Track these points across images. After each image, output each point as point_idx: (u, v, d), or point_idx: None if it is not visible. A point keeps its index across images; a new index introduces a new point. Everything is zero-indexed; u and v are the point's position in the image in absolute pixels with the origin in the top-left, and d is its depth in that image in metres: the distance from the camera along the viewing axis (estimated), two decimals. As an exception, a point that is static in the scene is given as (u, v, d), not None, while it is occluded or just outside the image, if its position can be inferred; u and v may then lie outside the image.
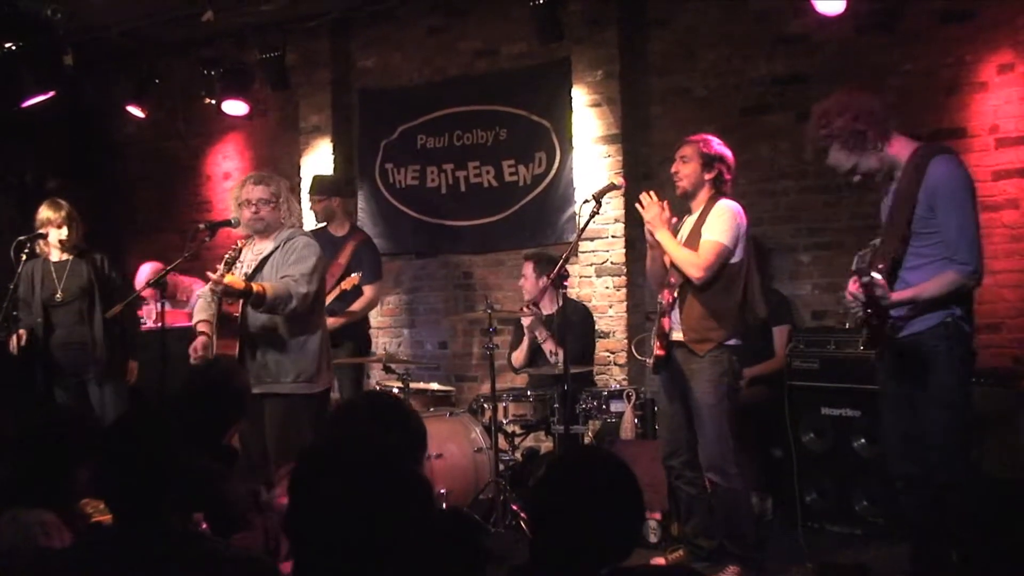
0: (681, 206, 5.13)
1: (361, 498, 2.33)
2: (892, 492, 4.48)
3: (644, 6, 7.42)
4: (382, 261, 7.26)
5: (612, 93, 7.28)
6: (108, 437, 2.80)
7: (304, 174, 8.59)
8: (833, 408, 5.81)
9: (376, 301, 7.18)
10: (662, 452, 5.17)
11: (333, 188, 7.22)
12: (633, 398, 6.05)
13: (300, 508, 2.37)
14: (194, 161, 9.61)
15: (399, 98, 8.41)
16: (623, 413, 6.06)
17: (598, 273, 7.35)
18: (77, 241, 6.47)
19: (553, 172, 7.66)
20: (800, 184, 6.77)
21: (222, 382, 3.96)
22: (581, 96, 7.41)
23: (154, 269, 7.72)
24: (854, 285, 3.98)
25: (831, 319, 6.55)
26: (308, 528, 2.33)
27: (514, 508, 5.79)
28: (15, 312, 6.34)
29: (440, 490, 5.66)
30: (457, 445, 6.02)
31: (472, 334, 8.15)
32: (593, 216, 5.09)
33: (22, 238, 6.33)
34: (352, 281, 6.67)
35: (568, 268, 6.98)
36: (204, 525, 3.34)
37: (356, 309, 6.85)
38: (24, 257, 6.31)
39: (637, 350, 6.86)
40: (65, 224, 6.39)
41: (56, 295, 6.40)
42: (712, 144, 5.00)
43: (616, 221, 7.21)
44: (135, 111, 8.65)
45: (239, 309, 5.09)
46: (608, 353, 7.28)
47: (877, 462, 5.36)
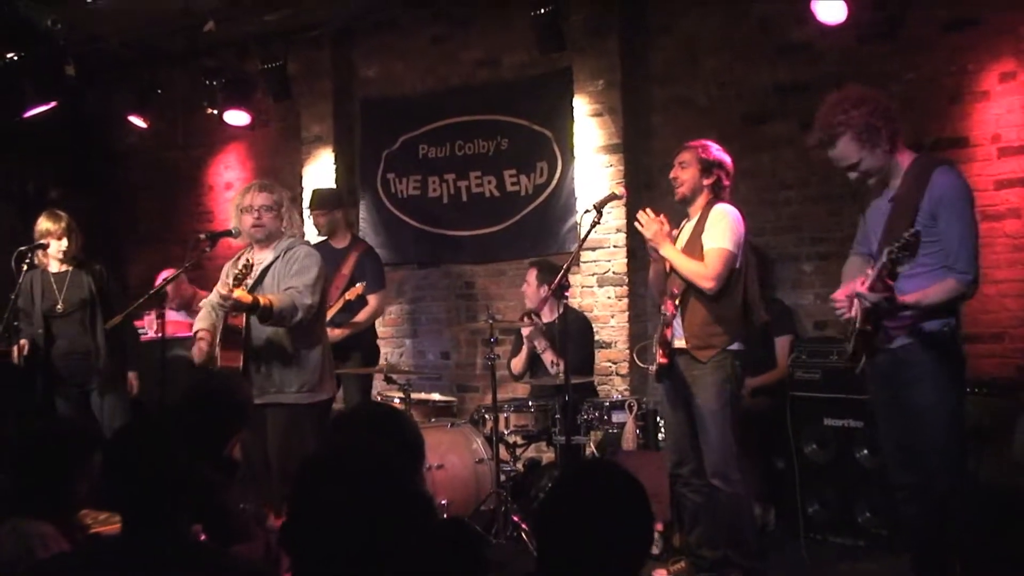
0: (681, 212, 5.13)
1: (360, 507, 2.31)
2: (894, 503, 4.47)
3: (645, 15, 7.42)
4: (385, 271, 7.25)
5: (613, 102, 7.28)
6: (114, 446, 2.79)
7: (306, 184, 8.61)
8: (835, 419, 5.79)
9: (381, 310, 7.17)
10: (669, 461, 5.16)
11: (336, 200, 7.21)
12: (635, 409, 6.02)
13: (299, 517, 2.35)
14: (195, 171, 9.62)
15: (401, 108, 8.41)
16: (625, 424, 6.04)
17: (600, 283, 7.34)
18: (76, 252, 6.47)
19: (555, 182, 7.66)
20: (802, 194, 6.76)
21: (223, 393, 3.95)
22: (582, 105, 7.41)
23: (171, 274, 7.73)
24: (843, 293, 4.08)
25: (833, 329, 6.51)
26: (306, 538, 2.32)
27: (515, 519, 5.76)
28: (16, 323, 6.33)
29: (441, 501, 5.65)
30: (458, 456, 6.00)
31: (474, 344, 8.13)
32: (594, 226, 5.08)
33: (23, 248, 6.33)
34: (356, 291, 6.66)
35: (569, 278, 7.04)
36: (202, 536, 3.32)
37: (361, 320, 6.83)
38: (25, 267, 6.30)
39: (639, 357, 6.84)
40: (65, 235, 6.38)
41: (57, 306, 6.39)
42: (711, 150, 4.99)
43: (618, 231, 7.20)
44: (137, 121, 8.66)
45: (243, 321, 5.09)
46: (610, 363, 7.26)
47: (879, 473, 5.33)
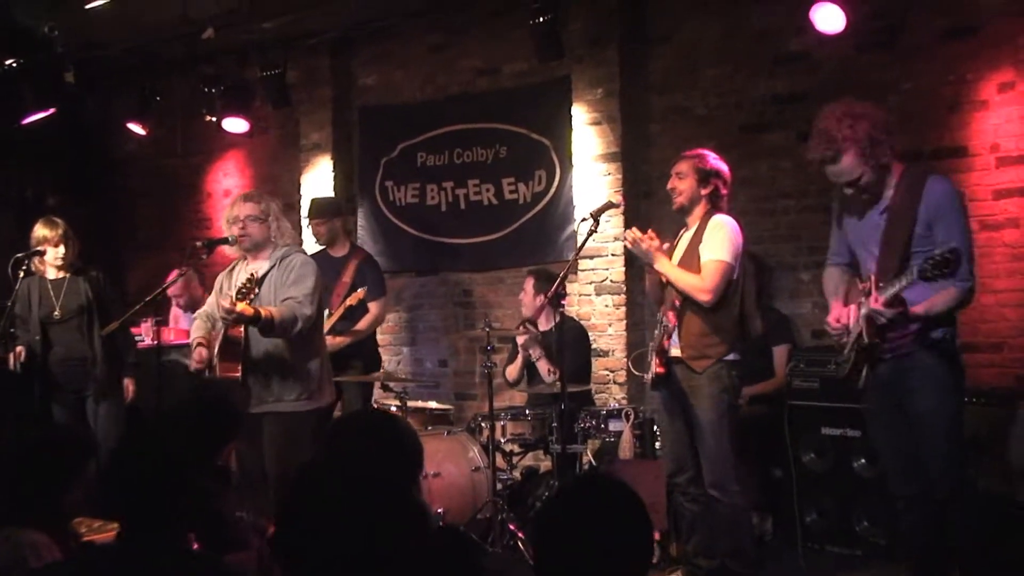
0: (679, 221, 5.13)
1: (352, 515, 2.31)
2: (892, 512, 4.47)
3: (644, 24, 7.42)
4: (385, 278, 7.25)
5: (612, 111, 7.28)
6: (115, 453, 2.79)
7: (304, 192, 8.61)
8: (833, 428, 5.77)
9: (381, 318, 7.17)
10: (667, 470, 5.14)
11: (335, 209, 7.21)
12: (632, 417, 6.01)
13: (289, 525, 2.34)
14: (194, 178, 9.62)
15: (399, 116, 8.42)
16: (622, 432, 6.02)
17: (597, 291, 7.33)
18: (73, 259, 6.46)
19: (553, 190, 7.65)
20: (800, 203, 6.75)
21: (217, 401, 3.94)
22: (581, 114, 7.41)
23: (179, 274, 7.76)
24: (842, 313, 4.19)
25: (831, 338, 6.50)
26: (297, 546, 2.31)
27: (511, 528, 5.75)
28: (12, 329, 6.32)
29: (437, 509, 5.64)
30: (455, 464, 5.98)
31: (473, 352, 8.12)
32: (591, 234, 5.09)
33: (19, 255, 6.32)
34: (358, 296, 6.65)
35: (567, 286, 7.05)
36: (195, 544, 3.31)
37: (363, 327, 6.83)
38: (21, 274, 6.30)
39: (634, 366, 6.83)
40: (62, 242, 6.37)
41: (54, 313, 6.37)
42: (708, 159, 4.99)
43: (616, 239, 7.17)
44: (136, 128, 8.66)
45: (242, 333, 5.09)
46: (607, 372, 7.25)
47: (877, 482, 5.32)
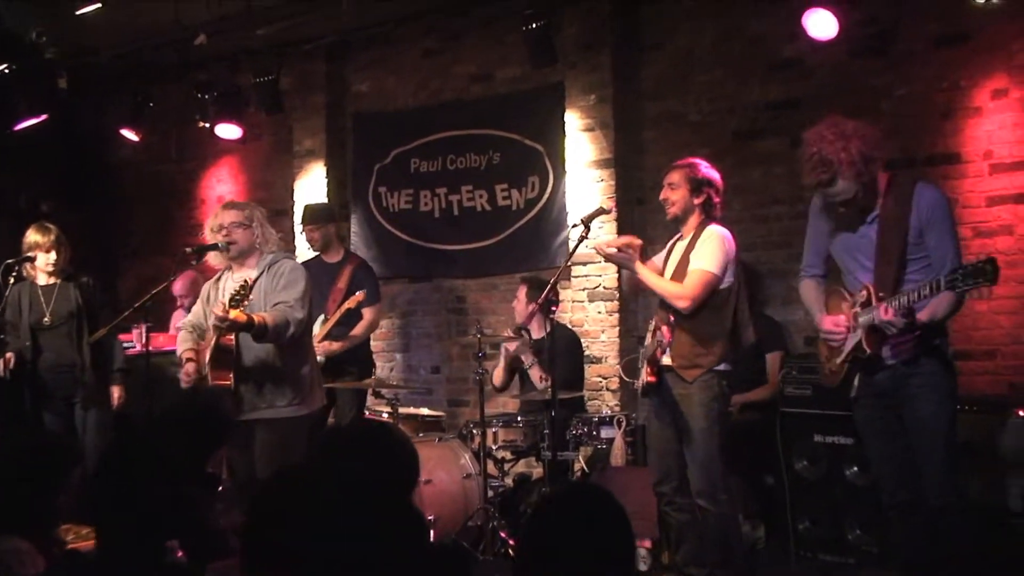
0: (673, 228, 5.13)
1: (350, 524, 2.30)
2: (885, 520, 4.45)
3: (638, 31, 7.42)
4: (379, 284, 7.23)
5: (605, 117, 7.27)
6: (99, 462, 2.76)
7: (298, 198, 8.61)
8: (826, 435, 5.74)
9: (376, 324, 7.15)
10: (653, 478, 5.12)
11: (328, 215, 7.19)
12: (623, 424, 5.99)
13: (270, 531, 2.34)
14: (188, 184, 9.61)
15: (393, 122, 8.41)
16: (614, 440, 6.00)
17: (590, 298, 7.31)
18: (64, 265, 6.44)
19: (546, 196, 7.64)
20: (793, 209, 6.71)
21: (205, 409, 3.92)
22: (574, 120, 7.40)
23: (189, 277, 7.75)
24: (837, 320, 4.13)
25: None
26: (280, 553, 2.31)
27: (503, 535, 5.72)
28: (2, 336, 6.30)
29: (428, 516, 5.60)
30: (446, 471, 5.96)
31: (466, 358, 8.09)
32: (582, 240, 5.06)
33: (10, 261, 6.31)
34: (357, 299, 6.63)
35: (559, 293, 7.04)
36: (180, 552, 3.28)
37: (359, 332, 6.82)
38: (12, 280, 6.28)
39: (625, 372, 6.82)
40: (53, 248, 6.36)
41: (44, 319, 6.36)
42: (700, 168, 4.96)
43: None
44: (129, 134, 8.64)
45: (233, 340, 5.07)
46: (600, 379, 7.23)
47: (870, 490, 5.28)
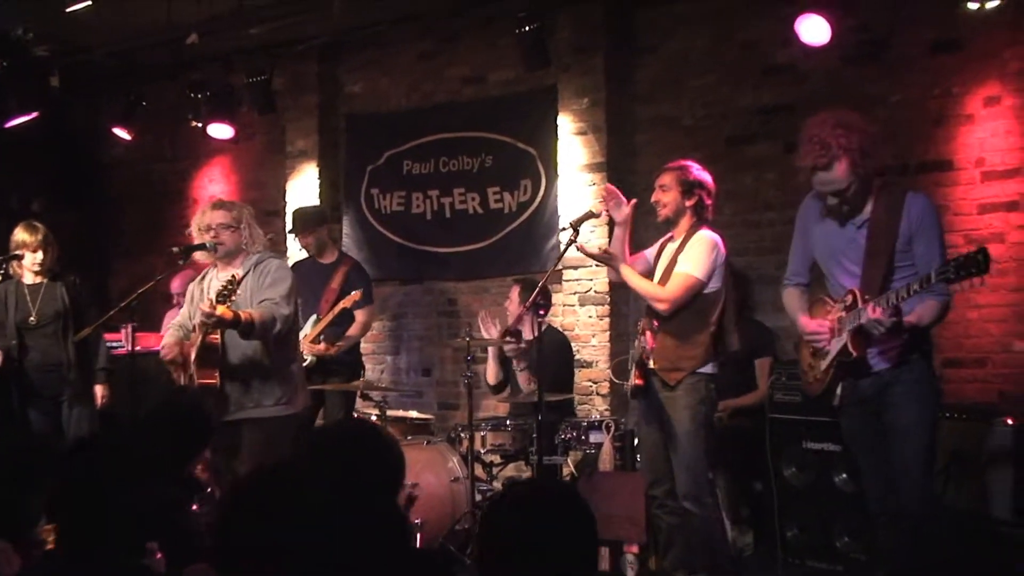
0: (664, 232, 5.12)
1: (318, 523, 2.28)
2: (873, 528, 4.43)
3: (631, 34, 7.41)
4: (372, 286, 7.21)
5: (598, 121, 7.26)
6: (59, 464, 2.74)
7: (290, 199, 8.59)
8: (815, 442, 5.72)
9: (369, 325, 7.16)
10: (645, 481, 5.11)
11: (318, 219, 7.17)
12: (612, 429, 5.96)
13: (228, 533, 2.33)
14: (181, 184, 9.59)
15: (386, 123, 8.39)
16: (602, 444, 5.98)
17: (581, 302, 7.29)
18: (52, 264, 6.42)
19: (538, 200, 7.63)
20: (785, 215, 6.66)
21: (186, 410, 3.89)
22: (567, 124, 7.39)
23: (186, 275, 7.73)
24: (819, 324, 4.15)
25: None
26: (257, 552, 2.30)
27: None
28: None
29: (415, 520, 5.58)
30: (434, 474, 5.93)
31: (457, 361, 8.05)
32: (571, 243, 5.05)
33: None
34: (353, 298, 6.61)
35: (551, 296, 7.02)
36: (159, 555, 3.26)
37: (353, 333, 6.82)
38: (-1, 279, 6.27)
39: (615, 374, 6.81)
40: (41, 248, 6.34)
41: (30, 318, 6.34)
42: (691, 170, 4.96)
43: (600, 250, 7.13)
44: (122, 133, 8.63)
45: (219, 339, 5.05)
46: (590, 383, 7.21)
47: (859, 497, 5.25)
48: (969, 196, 6.17)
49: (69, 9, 6.25)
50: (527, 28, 6.98)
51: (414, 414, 6.94)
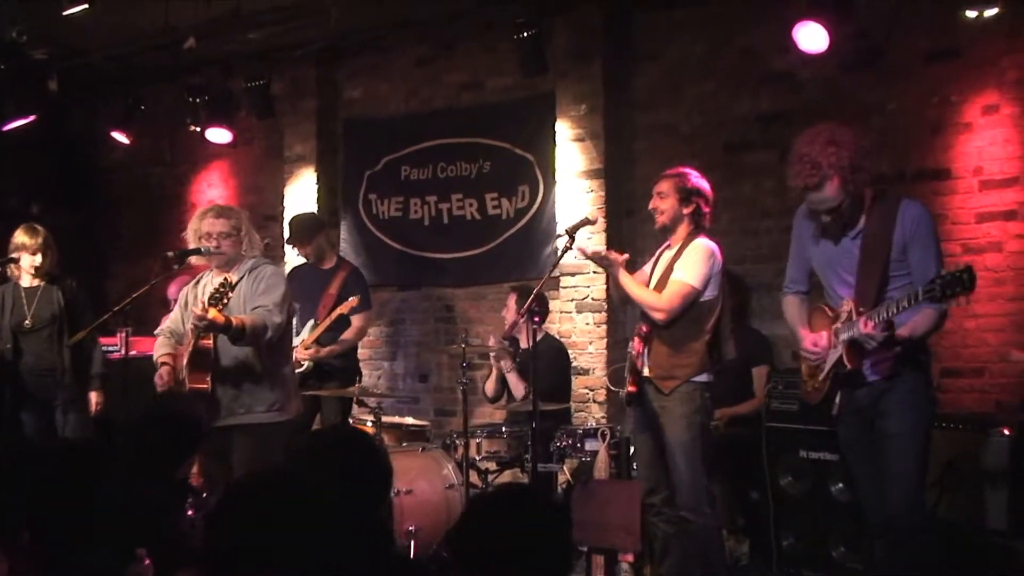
0: (662, 240, 5.11)
1: (310, 532, 2.27)
2: (869, 538, 4.42)
3: (629, 41, 7.40)
4: (370, 292, 7.19)
5: (596, 127, 7.24)
6: (35, 472, 2.72)
7: (288, 204, 8.58)
8: (812, 451, 5.70)
9: (365, 331, 7.13)
10: (643, 489, 5.09)
11: (317, 226, 7.15)
12: (608, 437, 5.93)
13: (233, 536, 2.31)
14: (179, 188, 9.59)
15: (384, 129, 8.39)
16: (598, 452, 5.95)
17: (578, 309, 7.27)
18: (50, 268, 6.41)
19: (536, 206, 7.61)
20: (783, 223, 6.62)
21: (175, 415, 3.87)
22: (565, 130, 7.37)
23: (183, 280, 7.72)
24: (817, 338, 4.15)
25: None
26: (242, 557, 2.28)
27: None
28: None
29: (409, 527, 5.56)
30: (428, 481, 5.91)
31: (454, 368, 8.04)
32: (567, 250, 5.04)
33: None
34: (351, 304, 6.60)
35: (547, 303, 7.01)
36: (147, 560, 3.24)
37: (348, 338, 6.80)
38: (-5, 280, 6.26)
39: (611, 381, 6.78)
40: (40, 251, 6.33)
41: (25, 321, 6.32)
42: (690, 178, 4.94)
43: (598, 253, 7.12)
44: (120, 137, 8.61)
45: (212, 343, 5.04)
46: (587, 390, 7.19)
47: (855, 507, 5.24)
48: (967, 205, 6.15)
49: (66, 12, 6.24)
50: (525, 34, 6.97)
51: (410, 420, 6.92)
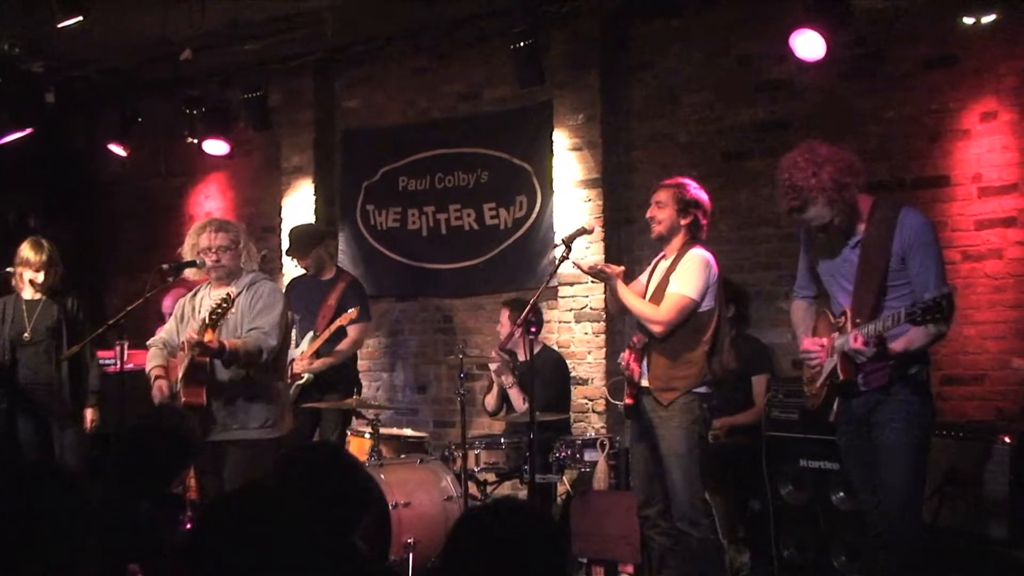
0: (659, 249, 5.09)
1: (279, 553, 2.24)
2: (871, 547, 4.39)
3: (626, 51, 7.38)
4: (369, 303, 7.17)
5: (593, 137, 7.23)
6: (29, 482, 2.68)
7: (286, 215, 8.55)
8: (812, 460, 5.67)
9: (361, 342, 7.10)
10: (637, 501, 5.06)
11: (314, 240, 7.10)
12: (607, 447, 5.91)
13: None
14: (177, 200, 9.57)
15: (381, 139, 8.37)
16: (597, 462, 5.93)
17: (577, 319, 7.24)
18: (53, 283, 6.40)
19: (534, 216, 7.59)
20: (781, 231, 6.66)
21: (167, 430, 3.84)
22: (562, 140, 7.35)
23: (178, 294, 7.71)
24: (815, 343, 4.13)
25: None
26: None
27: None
28: None
29: (407, 539, 5.53)
30: (426, 493, 5.87)
31: (452, 378, 7.98)
32: (563, 260, 5.02)
33: None
34: (351, 316, 6.57)
35: (545, 315, 6.99)
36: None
37: (344, 348, 6.76)
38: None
39: (611, 394, 6.76)
40: (43, 268, 6.33)
41: (24, 334, 6.32)
42: (689, 189, 4.93)
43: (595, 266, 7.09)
44: (117, 150, 8.61)
45: (208, 358, 5.03)
46: (586, 400, 7.16)
47: (856, 516, 5.21)
48: (966, 212, 6.13)
49: (61, 24, 6.23)
50: (522, 44, 6.96)
51: (408, 432, 6.89)
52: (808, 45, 6.06)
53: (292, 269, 7.90)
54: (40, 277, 6.32)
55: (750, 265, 6.79)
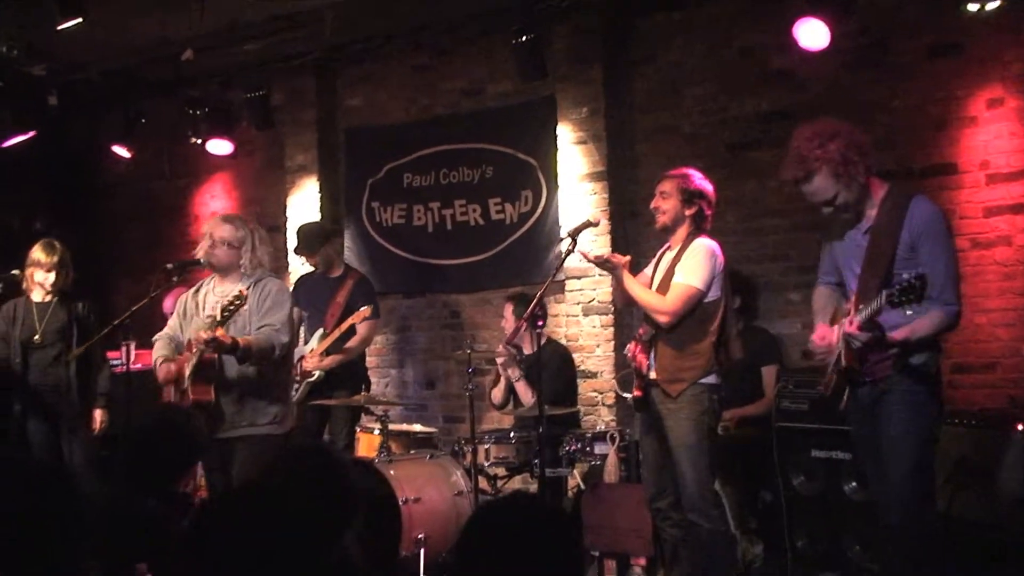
0: (664, 241, 5.06)
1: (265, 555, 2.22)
2: (883, 539, 4.37)
3: (629, 43, 7.36)
4: (378, 300, 7.15)
5: (597, 130, 7.21)
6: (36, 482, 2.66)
7: (291, 214, 8.54)
8: (823, 450, 5.64)
9: (370, 339, 7.09)
10: (647, 494, 5.03)
11: (324, 234, 7.11)
12: (617, 440, 5.89)
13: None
14: (181, 201, 9.56)
15: (385, 136, 8.35)
16: (607, 455, 5.90)
17: (585, 312, 7.22)
18: (64, 286, 6.41)
19: (539, 210, 7.58)
20: (788, 221, 6.65)
21: (173, 428, 3.83)
22: (566, 134, 7.33)
23: (176, 294, 7.71)
24: (826, 332, 4.14)
25: (815, 357, 6.40)
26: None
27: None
28: None
29: (418, 535, 5.51)
30: (436, 488, 5.85)
31: (461, 374, 7.90)
32: (569, 253, 5.00)
33: (3, 275, 6.32)
34: (363, 314, 6.53)
35: (549, 308, 6.97)
36: (148, 574, 3.20)
37: (352, 345, 6.75)
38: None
39: (620, 386, 6.74)
40: (54, 270, 6.36)
41: (35, 336, 6.35)
42: (693, 179, 4.90)
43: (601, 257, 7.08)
44: (121, 151, 8.60)
45: (216, 355, 5.02)
46: (596, 393, 7.14)
47: (869, 506, 5.19)
48: (974, 199, 6.11)
49: (60, 26, 6.22)
50: (523, 39, 6.94)
51: (418, 427, 6.89)
52: (811, 35, 6.03)
53: (298, 267, 7.89)
54: (51, 279, 6.33)
55: (756, 256, 6.77)
